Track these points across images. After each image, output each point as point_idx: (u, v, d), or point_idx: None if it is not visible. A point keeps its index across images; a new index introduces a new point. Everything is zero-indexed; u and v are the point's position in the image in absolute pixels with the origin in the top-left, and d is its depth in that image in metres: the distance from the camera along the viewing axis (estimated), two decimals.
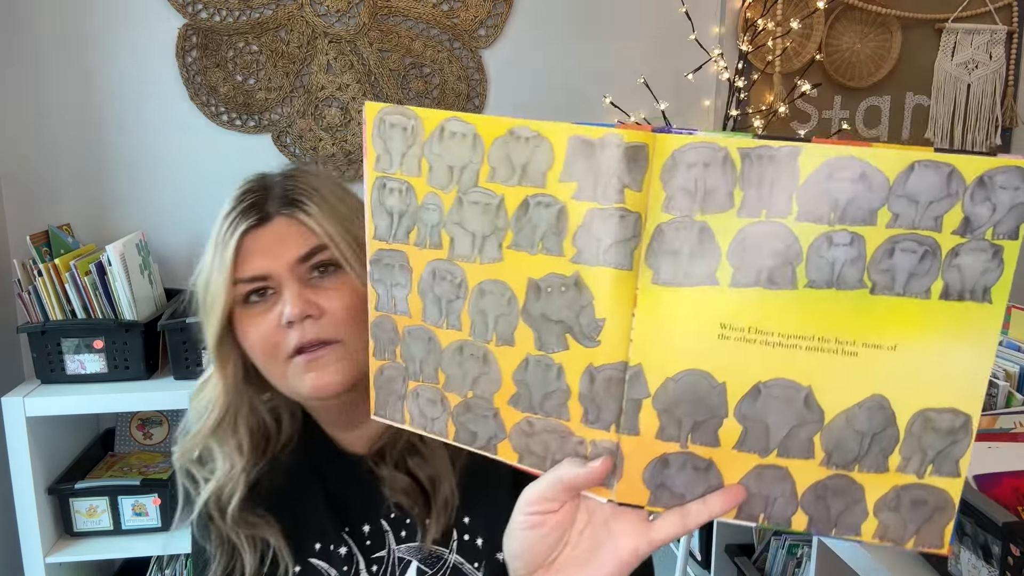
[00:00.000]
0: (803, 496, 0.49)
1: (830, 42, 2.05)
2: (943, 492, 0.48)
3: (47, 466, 1.65)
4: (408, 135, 0.53)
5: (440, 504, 0.74)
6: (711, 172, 0.44)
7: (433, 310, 0.55)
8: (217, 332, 0.72)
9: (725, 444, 0.49)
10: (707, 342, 0.46)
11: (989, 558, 0.93)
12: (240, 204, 0.72)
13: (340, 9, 1.88)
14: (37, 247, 1.64)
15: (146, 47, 1.85)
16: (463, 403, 0.55)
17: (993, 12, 2.08)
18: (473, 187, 0.51)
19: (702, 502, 0.50)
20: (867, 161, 0.43)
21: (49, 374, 1.63)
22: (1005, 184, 0.42)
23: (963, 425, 0.46)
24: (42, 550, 1.61)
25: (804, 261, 0.44)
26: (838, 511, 0.49)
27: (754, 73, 1.96)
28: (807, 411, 0.47)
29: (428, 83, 1.95)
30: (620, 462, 0.50)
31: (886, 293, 0.44)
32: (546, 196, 0.49)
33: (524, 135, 0.48)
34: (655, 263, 0.46)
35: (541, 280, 0.50)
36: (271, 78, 1.90)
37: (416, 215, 0.54)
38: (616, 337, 0.48)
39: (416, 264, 0.55)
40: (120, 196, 1.89)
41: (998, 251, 0.43)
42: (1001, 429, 1.13)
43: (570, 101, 1.97)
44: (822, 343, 0.45)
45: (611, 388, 0.49)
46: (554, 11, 1.95)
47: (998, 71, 2.11)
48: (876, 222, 0.44)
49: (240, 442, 0.75)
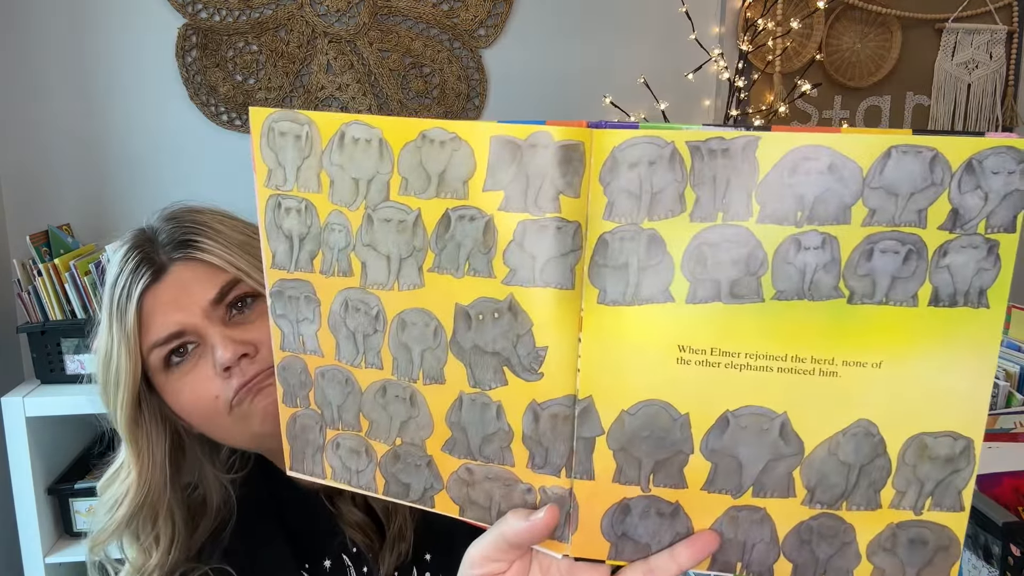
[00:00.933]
0: (785, 540, 0.43)
1: (830, 42, 2.05)
2: (945, 529, 0.41)
3: (47, 466, 1.65)
4: (302, 144, 0.45)
5: (391, 537, 0.70)
6: (657, 171, 0.38)
7: (348, 347, 0.48)
8: (129, 412, 0.65)
9: (693, 484, 0.42)
10: (664, 368, 0.41)
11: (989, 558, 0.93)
12: (127, 264, 0.65)
13: (340, 9, 1.88)
14: (37, 247, 1.64)
15: (146, 47, 1.85)
16: (391, 452, 0.49)
17: (993, 12, 2.08)
18: (383, 202, 0.44)
19: (669, 554, 0.44)
20: (836, 150, 0.37)
21: (49, 374, 1.63)
22: (997, 168, 0.36)
23: (964, 451, 0.40)
24: (42, 550, 1.61)
25: (770, 269, 0.39)
26: (826, 556, 0.43)
27: (754, 73, 1.96)
28: (783, 442, 0.41)
29: (428, 83, 1.95)
30: (574, 511, 0.44)
31: (866, 302, 0.39)
32: (469, 208, 0.42)
33: (438, 138, 0.41)
34: (600, 280, 0.40)
35: (470, 306, 0.43)
36: (271, 78, 1.90)
37: (320, 238, 0.47)
38: (561, 368, 0.42)
39: (324, 295, 0.48)
40: (120, 196, 1.89)
41: (993, 247, 0.37)
42: (1001, 429, 1.13)
43: (570, 101, 1.97)
44: (796, 363, 0.40)
45: (559, 426, 0.43)
46: (554, 11, 1.95)
47: (998, 71, 2.11)
48: (850, 220, 0.38)
49: (159, 534, 0.67)
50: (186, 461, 0.71)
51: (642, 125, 0.38)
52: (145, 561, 0.68)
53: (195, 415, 0.66)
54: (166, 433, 0.68)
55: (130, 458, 0.67)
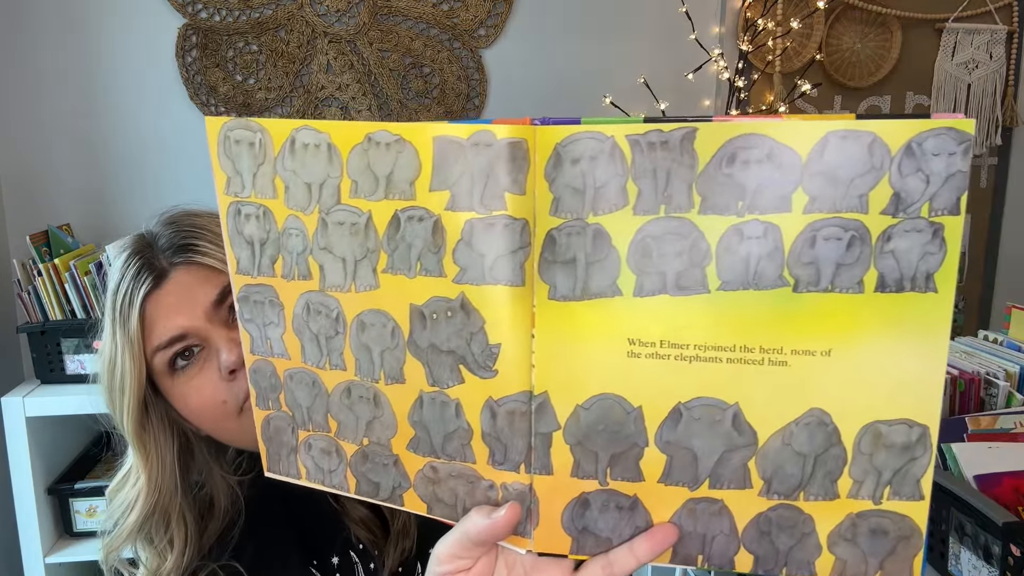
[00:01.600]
0: (744, 532, 0.43)
1: (830, 42, 2.05)
2: (906, 519, 0.41)
3: (47, 466, 1.65)
4: (256, 151, 0.46)
5: (396, 533, 0.71)
6: (599, 165, 0.38)
7: (312, 349, 0.49)
8: (136, 416, 0.65)
9: (649, 477, 0.43)
10: (616, 362, 0.41)
11: (989, 558, 0.93)
12: (129, 270, 0.65)
13: (340, 9, 1.88)
14: (37, 247, 1.64)
15: (146, 47, 1.85)
16: (359, 451, 0.49)
17: (993, 12, 2.08)
18: (335, 205, 0.45)
19: (627, 547, 0.44)
20: (773, 138, 0.36)
21: (49, 374, 1.63)
22: (938, 150, 0.35)
23: (920, 438, 0.39)
24: (42, 550, 1.61)
25: (714, 260, 0.39)
26: (787, 547, 0.42)
27: (754, 73, 1.96)
28: (736, 433, 0.41)
29: (428, 83, 1.95)
30: (535, 506, 0.44)
31: (812, 289, 0.38)
32: (417, 209, 0.42)
33: (384, 140, 0.42)
34: (550, 276, 0.40)
35: (424, 306, 0.44)
36: (271, 78, 1.90)
37: (279, 243, 0.48)
38: (515, 364, 0.42)
39: (287, 299, 0.49)
40: (120, 196, 1.89)
41: (938, 230, 0.37)
42: (1001, 429, 1.13)
43: (570, 101, 1.97)
44: (745, 353, 0.39)
45: (516, 423, 0.43)
46: (554, 11, 1.95)
47: (998, 71, 2.11)
48: (791, 208, 0.37)
49: (172, 536, 0.68)
50: (195, 463, 0.71)
51: (584, 120, 0.38)
52: (160, 564, 0.68)
53: (204, 419, 0.66)
54: (174, 436, 0.69)
55: (138, 462, 0.67)
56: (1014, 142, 2.17)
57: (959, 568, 0.98)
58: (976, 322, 2.24)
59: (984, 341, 1.38)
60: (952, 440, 1.09)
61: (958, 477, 1.03)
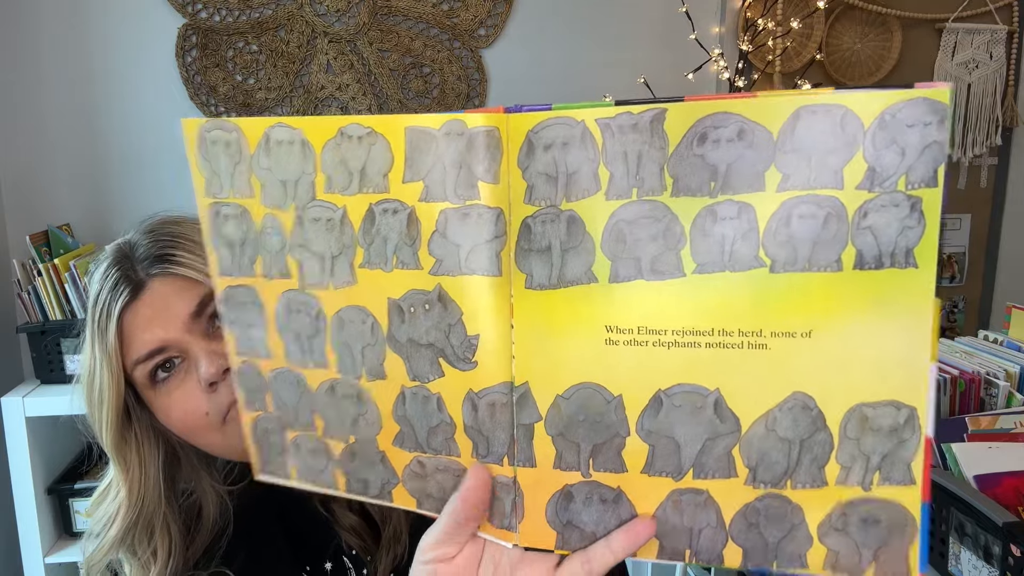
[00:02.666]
0: (732, 524, 0.41)
1: (830, 42, 2.05)
2: (897, 506, 0.39)
3: (47, 466, 1.65)
4: (232, 151, 0.46)
5: (387, 539, 0.70)
6: (571, 151, 0.38)
7: (295, 349, 0.48)
8: (115, 429, 0.65)
9: (632, 468, 0.42)
10: (594, 350, 0.40)
11: (989, 558, 0.93)
12: (107, 282, 0.64)
13: (340, 9, 1.88)
14: (37, 247, 1.64)
15: (146, 47, 1.85)
16: (347, 450, 0.49)
17: (993, 12, 2.08)
18: (311, 202, 0.44)
19: (604, 542, 0.43)
20: (742, 115, 0.35)
21: (49, 374, 1.63)
22: (912, 121, 0.34)
23: (908, 420, 0.38)
24: (42, 550, 1.61)
25: (688, 242, 0.38)
26: (776, 539, 0.41)
27: (754, 73, 1.96)
28: (719, 420, 0.40)
29: (428, 83, 1.95)
30: (520, 500, 0.44)
31: (789, 269, 0.37)
32: (392, 201, 0.42)
33: (356, 134, 0.42)
34: (526, 265, 0.40)
35: (402, 300, 0.43)
36: (271, 78, 1.90)
37: (258, 242, 0.47)
38: (495, 355, 0.41)
39: (267, 298, 0.48)
40: (120, 196, 1.89)
41: (916, 203, 0.35)
42: (1001, 429, 1.13)
43: (570, 101, 1.97)
44: (724, 337, 0.38)
45: (497, 415, 0.43)
46: (554, 11, 1.95)
47: (998, 71, 2.11)
48: (764, 187, 0.36)
49: (156, 548, 0.67)
50: (182, 471, 0.71)
51: (555, 106, 0.38)
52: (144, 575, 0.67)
53: (186, 431, 0.65)
54: (159, 446, 0.68)
55: (119, 476, 0.67)
56: (1014, 142, 2.17)
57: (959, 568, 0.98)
58: (976, 322, 2.24)
59: (984, 341, 1.38)
60: (952, 440, 1.09)
61: (958, 477, 1.03)
